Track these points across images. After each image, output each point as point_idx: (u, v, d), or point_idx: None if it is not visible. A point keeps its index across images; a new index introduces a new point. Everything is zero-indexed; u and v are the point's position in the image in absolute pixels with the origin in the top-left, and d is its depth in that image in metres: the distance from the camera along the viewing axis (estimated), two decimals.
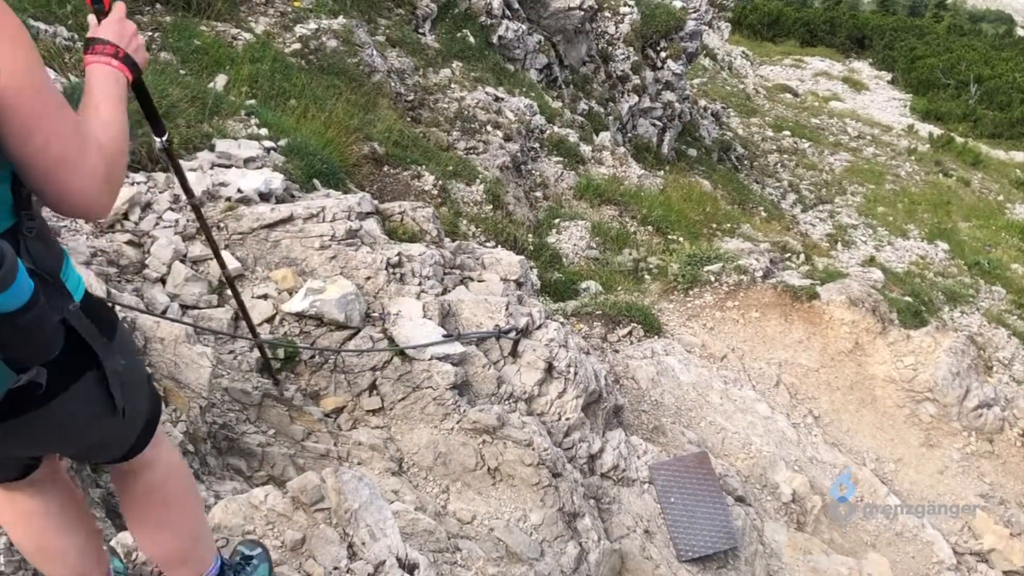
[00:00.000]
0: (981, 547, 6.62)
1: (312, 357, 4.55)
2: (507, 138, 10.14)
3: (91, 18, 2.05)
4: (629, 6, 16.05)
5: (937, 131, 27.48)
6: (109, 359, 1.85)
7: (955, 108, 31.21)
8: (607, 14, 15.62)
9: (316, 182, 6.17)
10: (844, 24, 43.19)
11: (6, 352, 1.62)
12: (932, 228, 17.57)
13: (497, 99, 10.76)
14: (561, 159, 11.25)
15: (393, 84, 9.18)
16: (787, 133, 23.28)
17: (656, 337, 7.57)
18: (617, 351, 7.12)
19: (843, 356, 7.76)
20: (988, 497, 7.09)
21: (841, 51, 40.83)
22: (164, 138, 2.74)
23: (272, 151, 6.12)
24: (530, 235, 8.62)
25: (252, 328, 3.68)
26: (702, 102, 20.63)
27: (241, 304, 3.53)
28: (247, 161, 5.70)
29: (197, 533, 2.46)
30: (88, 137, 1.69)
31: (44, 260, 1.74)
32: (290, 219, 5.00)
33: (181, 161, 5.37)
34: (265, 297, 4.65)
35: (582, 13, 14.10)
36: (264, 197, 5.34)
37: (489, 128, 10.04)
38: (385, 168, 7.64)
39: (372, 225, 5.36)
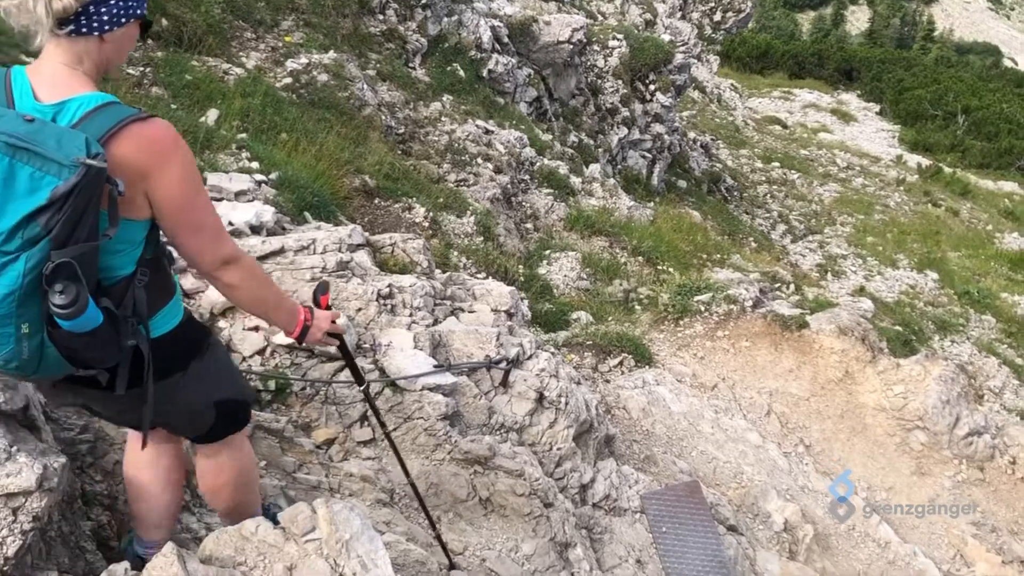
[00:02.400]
0: (973, 575, 6.62)
1: (303, 389, 4.56)
2: (497, 170, 10.20)
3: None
4: (618, 40, 16.19)
5: (926, 162, 27.68)
6: (150, 380, 2.49)
7: (943, 139, 31.46)
8: (596, 48, 15.75)
9: (307, 215, 6.21)
10: (832, 56, 43.60)
11: (75, 355, 2.30)
12: (922, 258, 17.66)
13: (487, 132, 10.82)
14: (551, 191, 11.29)
15: (384, 117, 9.24)
16: (776, 164, 23.42)
17: (647, 367, 7.59)
18: (608, 381, 7.14)
19: (833, 385, 7.79)
20: (980, 525, 7.10)
21: (829, 83, 41.19)
22: (362, 387, 3.44)
23: (263, 184, 6.15)
24: (521, 266, 8.65)
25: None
26: (691, 134, 20.76)
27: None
28: (238, 194, 5.73)
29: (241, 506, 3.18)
30: (232, 246, 2.47)
31: (139, 306, 2.41)
32: (281, 251, 5.02)
33: None
34: (256, 329, 4.66)
35: (571, 47, 14.22)
36: (255, 230, 5.37)
37: (479, 160, 10.10)
38: (376, 200, 7.67)
39: (363, 257, 5.38)
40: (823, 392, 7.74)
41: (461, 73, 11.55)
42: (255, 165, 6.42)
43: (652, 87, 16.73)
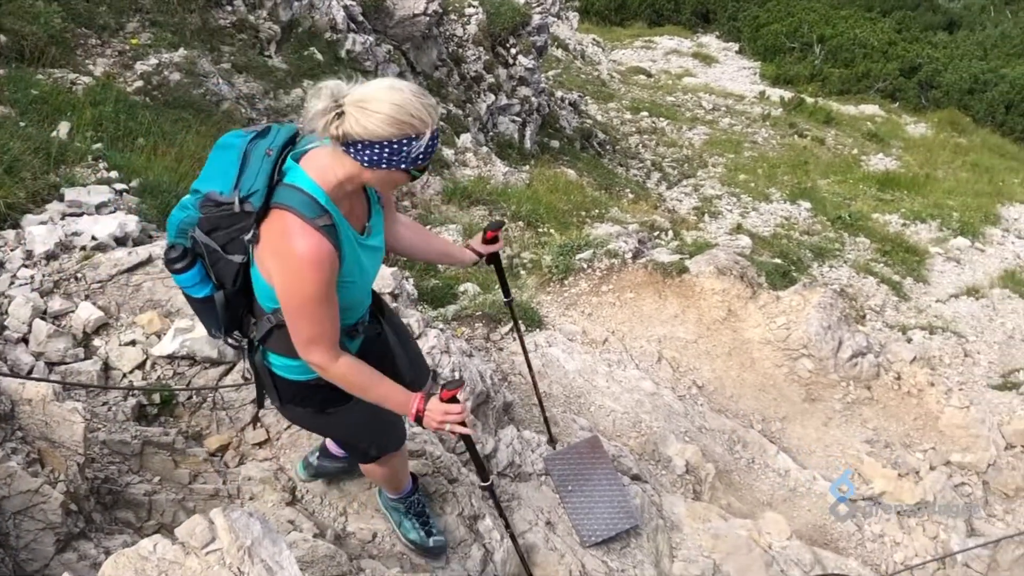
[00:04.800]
0: (872, 491, 6.85)
1: (190, 398, 4.48)
2: None
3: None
4: (474, 7, 16.12)
5: (788, 95, 28.26)
6: (261, 390, 3.40)
7: (802, 70, 32.15)
8: (453, 17, 15.66)
9: None
10: (688, 1, 44.07)
11: (200, 317, 3.19)
12: (793, 189, 18.04)
13: None
14: None
15: (244, 110, 9.05)
16: (645, 114, 23.64)
17: (537, 330, 7.64)
18: (501, 349, 7.16)
19: (718, 324, 7.94)
20: (873, 442, 7.34)
21: (688, 27, 41.64)
22: (487, 483, 3.73)
23: (124, 193, 5.99)
24: None
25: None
26: (559, 93, 20.82)
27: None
28: (99, 207, 5.56)
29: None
30: (325, 357, 2.92)
31: (264, 336, 3.09)
32: (149, 260, 4.90)
33: (29, 215, 5.23)
34: (133, 343, 4.55)
35: (428, 18, 14.11)
36: (120, 241, 5.22)
37: None
38: None
39: None
40: (709, 333, 7.89)
41: (319, 56, 11.37)
42: (114, 175, 6.23)
43: (513, 51, 16.73)
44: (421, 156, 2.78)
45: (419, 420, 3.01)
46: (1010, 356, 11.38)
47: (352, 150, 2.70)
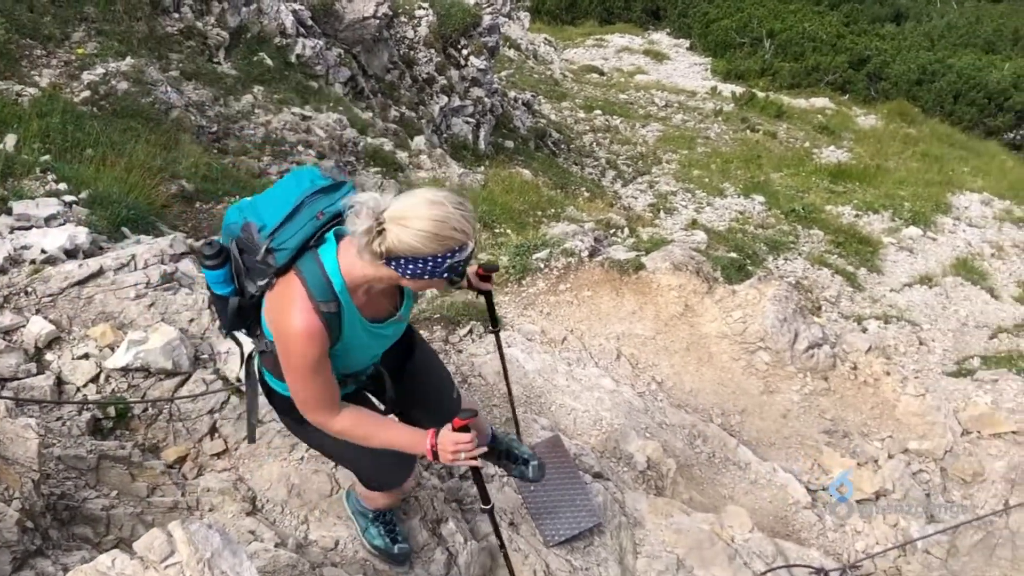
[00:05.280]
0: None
1: (145, 410, 4.43)
2: (320, 155, 10.04)
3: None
4: (424, 9, 16.10)
5: (739, 89, 28.42)
6: (251, 391, 3.49)
7: (753, 65, 32.34)
8: (403, 19, 15.62)
9: (125, 230, 6.00)
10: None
11: (216, 310, 3.35)
12: (746, 183, 18.15)
13: (304, 118, 10.64)
14: (379, 169, 11.20)
15: (194, 118, 8.98)
16: (598, 112, 23.71)
17: None
18: (460, 351, 7.15)
19: (676, 320, 7.97)
20: (832, 432, 7.40)
21: (639, 25, 41.81)
22: (488, 508, 3.76)
23: (74, 205, 5.92)
24: None
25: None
26: (512, 93, 20.83)
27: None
28: (48, 219, 5.49)
29: None
30: (323, 417, 3.06)
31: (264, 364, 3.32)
32: (100, 272, 4.84)
33: None
34: (86, 356, 4.50)
35: (378, 21, 14.07)
36: (71, 254, 5.16)
37: (300, 148, 9.93)
38: (197, 204, 7.47)
39: (188, 265, 5.24)
40: (667, 329, 7.92)
41: (269, 62, 11.30)
42: (63, 187, 6.16)
43: (465, 52, 16.73)
44: (459, 264, 2.83)
45: (435, 455, 3.01)
46: (964, 343, 11.53)
47: (394, 264, 2.76)
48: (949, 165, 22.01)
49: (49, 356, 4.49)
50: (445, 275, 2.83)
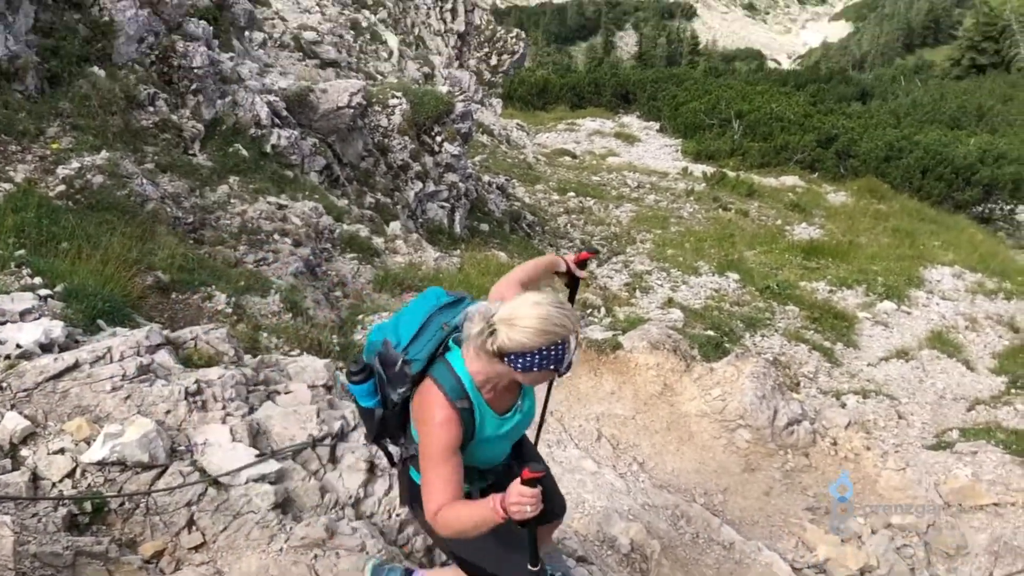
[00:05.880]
0: (817, 559, 6.87)
1: (122, 504, 4.37)
2: (297, 243, 10.08)
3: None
4: (397, 97, 16.29)
5: (710, 169, 28.79)
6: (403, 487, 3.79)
7: (723, 145, 32.82)
8: (377, 108, 15.80)
9: (101, 322, 5.98)
10: (608, 83, 45.06)
11: (363, 421, 3.62)
12: (721, 261, 18.26)
13: (280, 207, 10.69)
14: (356, 255, 11.24)
15: (169, 209, 9.01)
16: (572, 194, 23.92)
17: None
18: None
19: (655, 399, 7.99)
20: (815, 509, 7.38)
21: (609, 109, 42.53)
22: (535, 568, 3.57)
23: (49, 299, 5.91)
24: (335, 336, 8.53)
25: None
26: (486, 177, 21.01)
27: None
28: (23, 314, 5.47)
29: None
30: (436, 505, 3.19)
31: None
32: (76, 366, 4.82)
33: None
34: (62, 451, 4.45)
35: (352, 110, 14.23)
36: (46, 348, 5.14)
37: (276, 237, 9.96)
38: (173, 295, 7.46)
39: (164, 356, 5.22)
40: (647, 408, 7.92)
41: (244, 152, 11.39)
42: (38, 280, 6.15)
43: (439, 138, 16.90)
44: (564, 357, 3.18)
45: (507, 514, 3.08)
46: (942, 416, 11.55)
47: (506, 360, 3.15)
48: (920, 240, 22.26)
49: (24, 452, 4.45)
50: (552, 367, 3.17)
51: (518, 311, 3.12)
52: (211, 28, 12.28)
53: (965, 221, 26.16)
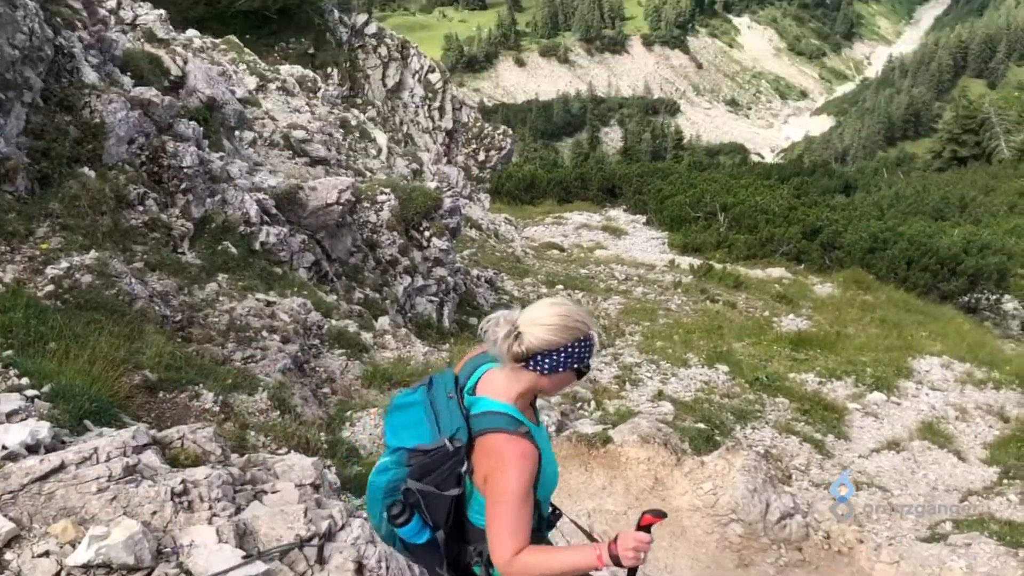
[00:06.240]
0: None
1: None
2: (285, 340, 10.08)
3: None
4: (386, 193, 16.47)
5: (697, 262, 29.00)
6: None
7: (709, 238, 33.11)
8: (366, 204, 15.96)
9: (87, 423, 5.94)
10: (594, 178, 45.58)
11: (407, 552, 3.62)
12: (709, 353, 18.29)
13: (269, 303, 10.72)
14: (344, 351, 11.24)
15: (158, 308, 9.02)
16: (560, 287, 24.03)
17: None
18: None
19: (646, 494, 7.94)
20: None
21: (596, 202, 42.96)
22: None
23: (36, 400, 5.88)
24: (323, 433, 8.50)
25: None
26: (475, 271, 21.13)
27: None
28: (10, 415, 5.44)
29: None
30: (513, 551, 3.12)
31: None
32: (62, 467, 4.78)
33: None
34: (47, 554, 4.39)
35: (341, 207, 14.37)
36: (32, 449, 5.10)
37: (265, 334, 9.97)
38: (160, 394, 7.43)
39: (151, 457, 5.18)
40: (638, 503, 7.87)
41: (233, 250, 11.45)
42: (25, 381, 6.13)
43: (427, 233, 17.04)
44: (587, 354, 3.38)
45: (615, 560, 3.16)
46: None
47: (532, 363, 3.28)
48: (907, 330, 22.37)
49: (9, 555, 4.39)
50: (576, 365, 3.33)
51: (540, 311, 3.33)
52: (201, 128, 12.43)
53: (952, 311, 26.32)
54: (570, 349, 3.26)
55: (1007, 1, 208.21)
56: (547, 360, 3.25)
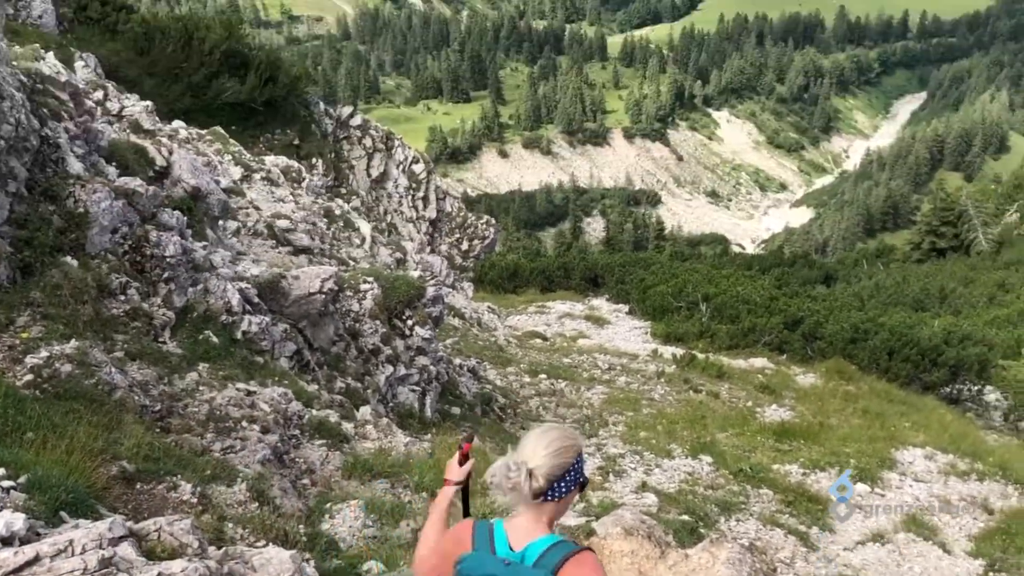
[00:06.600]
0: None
1: None
2: (265, 431, 10.00)
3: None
4: (369, 282, 16.50)
5: (680, 351, 29.07)
6: None
7: (691, 328, 33.24)
8: (349, 293, 15.98)
9: (63, 514, 5.86)
10: (577, 267, 45.87)
11: None
12: (693, 444, 18.25)
13: (249, 393, 10.65)
14: (325, 441, 11.15)
15: (137, 397, 8.95)
16: (543, 376, 24.01)
17: None
18: None
19: None
20: None
21: (579, 292, 43.17)
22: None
23: (12, 491, 5.80)
24: (302, 526, 8.39)
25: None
26: (457, 360, 21.10)
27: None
28: None
29: None
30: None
31: None
32: (36, 560, 4.70)
33: None
34: None
35: (324, 296, 14.37)
36: (7, 541, 5.01)
37: (244, 424, 9.89)
38: (138, 485, 7.34)
39: (127, 549, 5.10)
40: None
41: (214, 339, 11.41)
42: (1, 472, 6.05)
43: (410, 322, 17.04)
44: (584, 465, 3.62)
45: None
46: None
47: (549, 494, 3.47)
48: (890, 421, 22.39)
49: None
50: (580, 480, 3.59)
51: (536, 444, 3.51)
52: (185, 218, 12.48)
53: (934, 402, 26.38)
54: (575, 467, 3.50)
55: (982, 96, 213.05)
56: (562, 484, 3.46)
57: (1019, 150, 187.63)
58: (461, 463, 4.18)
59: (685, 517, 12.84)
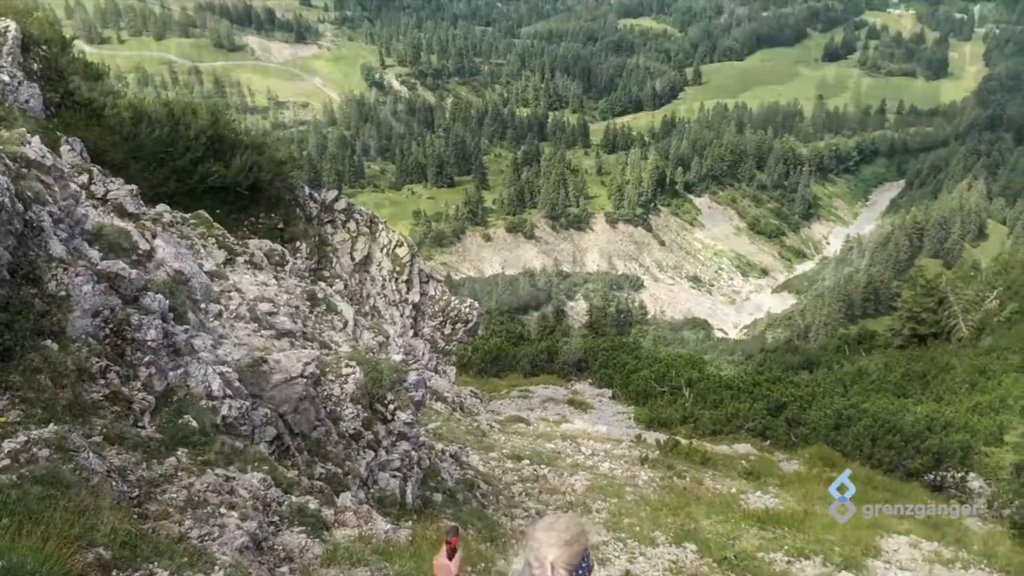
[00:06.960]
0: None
1: None
2: (243, 517, 9.87)
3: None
4: (351, 366, 16.46)
5: (663, 437, 29.02)
6: None
7: (674, 413, 33.27)
8: (331, 377, 15.92)
9: None
10: (561, 352, 45.89)
11: None
12: (677, 531, 18.12)
13: (228, 479, 10.54)
14: (304, 528, 11.00)
15: (115, 483, 8.85)
16: (526, 461, 23.89)
17: None
18: None
19: None
20: None
21: (562, 376, 43.23)
22: None
23: None
24: None
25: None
26: (439, 445, 20.99)
27: None
28: None
29: None
30: None
31: None
32: None
33: None
34: None
35: (305, 380, 14.31)
36: None
37: (223, 510, 9.77)
38: (114, 573, 7.22)
39: None
40: None
41: (194, 424, 11.31)
42: None
43: (392, 406, 16.97)
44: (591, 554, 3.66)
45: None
46: None
47: None
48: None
49: None
50: (589, 565, 3.72)
51: (547, 538, 3.62)
52: (167, 302, 12.45)
53: (918, 489, 26.32)
54: (587, 551, 3.68)
55: (960, 184, 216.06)
56: (579, 571, 3.62)
57: (997, 237, 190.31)
58: (450, 557, 4.20)
59: None
